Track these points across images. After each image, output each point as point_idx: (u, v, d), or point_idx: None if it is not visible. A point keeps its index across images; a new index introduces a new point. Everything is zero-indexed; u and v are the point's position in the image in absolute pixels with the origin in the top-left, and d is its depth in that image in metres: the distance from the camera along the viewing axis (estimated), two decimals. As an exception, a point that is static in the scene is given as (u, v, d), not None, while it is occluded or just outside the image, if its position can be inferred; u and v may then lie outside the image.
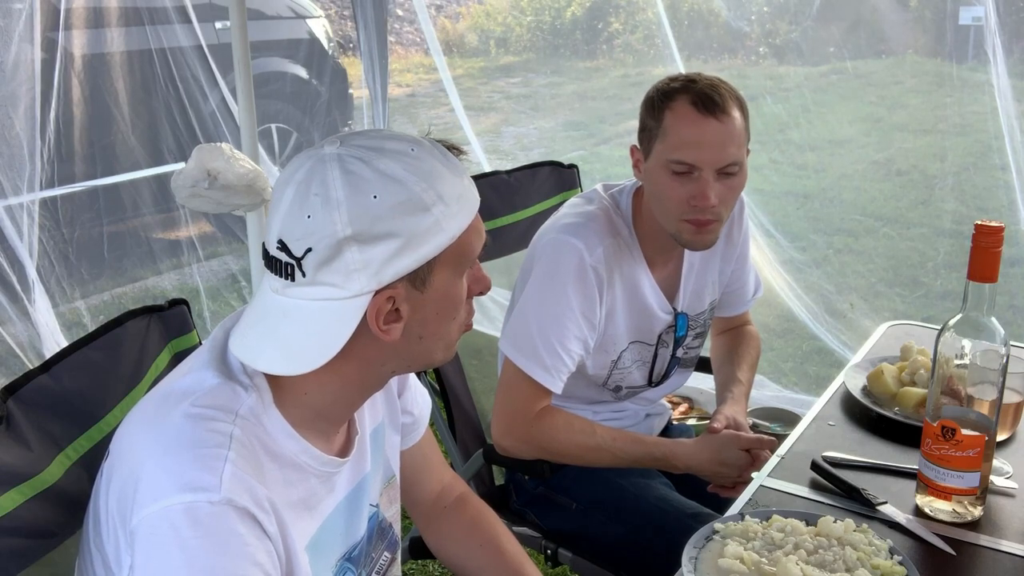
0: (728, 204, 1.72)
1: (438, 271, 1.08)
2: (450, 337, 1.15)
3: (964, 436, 1.39)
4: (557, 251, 1.77)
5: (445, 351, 1.16)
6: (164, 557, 0.98)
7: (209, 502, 0.98)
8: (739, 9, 4.19)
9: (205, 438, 1.02)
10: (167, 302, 1.40)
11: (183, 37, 4.09)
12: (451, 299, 1.12)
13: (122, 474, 1.04)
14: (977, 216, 1.68)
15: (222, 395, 1.07)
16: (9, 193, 3.32)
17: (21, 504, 1.11)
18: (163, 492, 0.99)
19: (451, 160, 1.10)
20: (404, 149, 1.06)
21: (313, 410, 1.13)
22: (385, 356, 1.12)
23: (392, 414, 1.37)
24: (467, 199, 1.09)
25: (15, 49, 3.30)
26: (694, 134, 1.66)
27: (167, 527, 0.98)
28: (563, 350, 1.75)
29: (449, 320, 1.13)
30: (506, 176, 2.36)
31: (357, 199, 1.02)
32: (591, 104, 6.06)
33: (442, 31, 7.01)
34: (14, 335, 3.30)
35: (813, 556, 1.28)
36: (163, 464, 1.01)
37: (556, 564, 1.97)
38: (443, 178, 1.06)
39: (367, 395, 1.20)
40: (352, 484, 1.24)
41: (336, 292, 1.04)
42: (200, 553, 0.98)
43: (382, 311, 1.06)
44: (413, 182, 1.04)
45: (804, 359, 3.66)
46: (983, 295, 1.37)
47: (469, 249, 1.11)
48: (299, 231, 1.03)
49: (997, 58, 3.03)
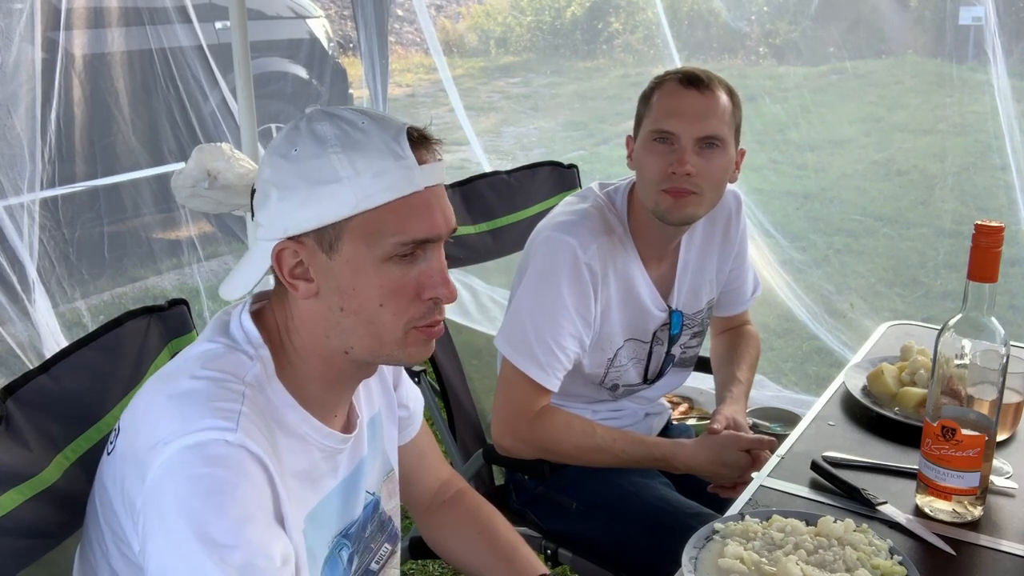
0: (710, 181, 1.72)
1: (347, 240, 1.11)
2: (390, 327, 1.13)
3: (964, 436, 1.39)
4: (551, 249, 1.77)
5: (397, 345, 1.15)
6: (174, 491, 0.99)
7: (225, 441, 1.01)
8: (739, 9, 4.19)
9: (219, 394, 1.06)
10: (167, 302, 1.40)
11: (183, 37, 4.09)
12: (367, 277, 1.11)
13: (136, 441, 1.05)
14: (977, 216, 1.68)
15: (230, 362, 1.11)
16: (9, 193, 3.32)
17: (20, 504, 1.11)
18: (178, 435, 1.01)
19: (399, 146, 1.11)
20: (355, 120, 1.12)
21: (308, 389, 1.17)
22: (326, 325, 1.15)
23: (389, 406, 1.39)
24: (391, 181, 1.09)
25: (16, 49, 3.30)
26: (675, 104, 1.71)
27: (179, 464, 1.00)
28: (558, 348, 1.75)
29: (375, 303, 1.12)
30: (506, 176, 2.36)
31: (285, 149, 1.12)
32: (591, 104, 6.06)
33: (442, 31, 7.02)
34: (14, 335, 3.30)
35: (813, 556, 1.28)
36: (178, 415, 1.03)
37: (556, 564, 1.97)
38: (367, 151, 1.09)
39: (345, 378, 1.21)
40: (350, 468, 1.27)
41: (263, 232, 1.15)
42: (210, 486, 0.99)
43: (286, 262, 1.13)
44: (332, 145, 1.10)
45: (804, 359, 3.66)
46: (983, 295, 1.37)
47: (383, 228, 1.10)
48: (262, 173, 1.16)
49: (997, 58, 3.03)
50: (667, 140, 1.71)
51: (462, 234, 2.24)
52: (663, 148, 1.71)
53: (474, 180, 2.32)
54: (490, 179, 2.34)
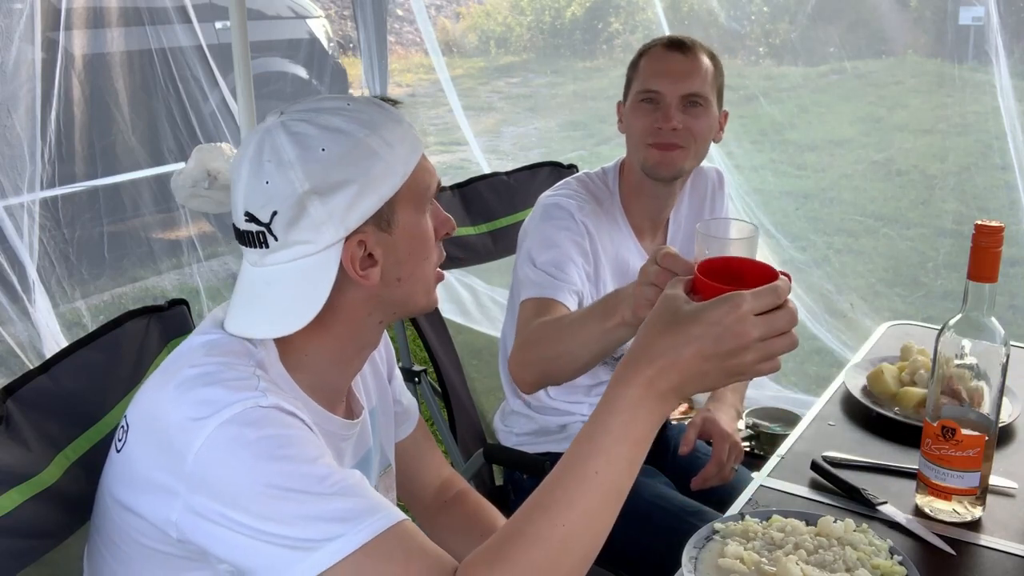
0: (696, 137, 1.82)
1: (400, 210, 1.13)
2: (427, 279, 1.19)
3: (964, 436, 1.39)
4: (547, 211, 1.85)
5: (426, 295, 1.20)
6: (235, 464, 0.98)
7: (259, 405, 1.01)
8: (738, 9, 4.19)
9: (231, 373, 1.05)
10: (167, 302, 1.40)
11: (183, 37, 4.09)
12: (420, 238, 1.17)
13: (150, 435, 1.04)
14: (978, 216, 1.68)
15: (233, 348, 1.10)
16: (9, 193, 3.33)
17: (20, 504, 1.11)
18: (210, 417, 0.99)
19: (388, 109, 1.16)
20: (340, 105, 1.13)
21: (315, 374, 1.16)
22: (371, 305, 1.16)
23: (384, 401, 1.40)
24: (410, 140, 1.15)
25: (16, 49, 3.30)
26: (660, 66, 1.83)
27: (227, 439, 0.98)
28: (562, 271, 1.77)
29: (422, 260, 1.17)
30: (505, 177, 2.37)
31: (307, 155, 1.08)
32: (591, 104, 6.06)
33: (442, 31, 7.01)
34: (14, 335, 3.30)
35: (813, 556, 1.28)
36: (198, 399, 1.01)
37: (556, 564, 1.97)
38: (383, 124, 1.12)
39: (364, 353, 1.23)
40: (356, 458, 1.27)
41: (309, 248, 1.09)
42: (270, 446, 0.99)
43: (356, 256, 1.11)
44: (356, 130, 1.10)
45: (804, 359, 3.66)
46: (983, 295, 1.37)
47: (423, 186, 1.16)
48: (261, 198, 1.09)
49: (999, 58, 3.03)
50: (653, 100, 1.82)
51: (462, 235, 2.24)
52: (650, 107, 1.82)
53: (474, 181, 2.33)
54: (490, 180, 2.35)
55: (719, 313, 0.94)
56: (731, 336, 0.93)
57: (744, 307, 0.93)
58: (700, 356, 0.94)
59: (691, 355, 0.94)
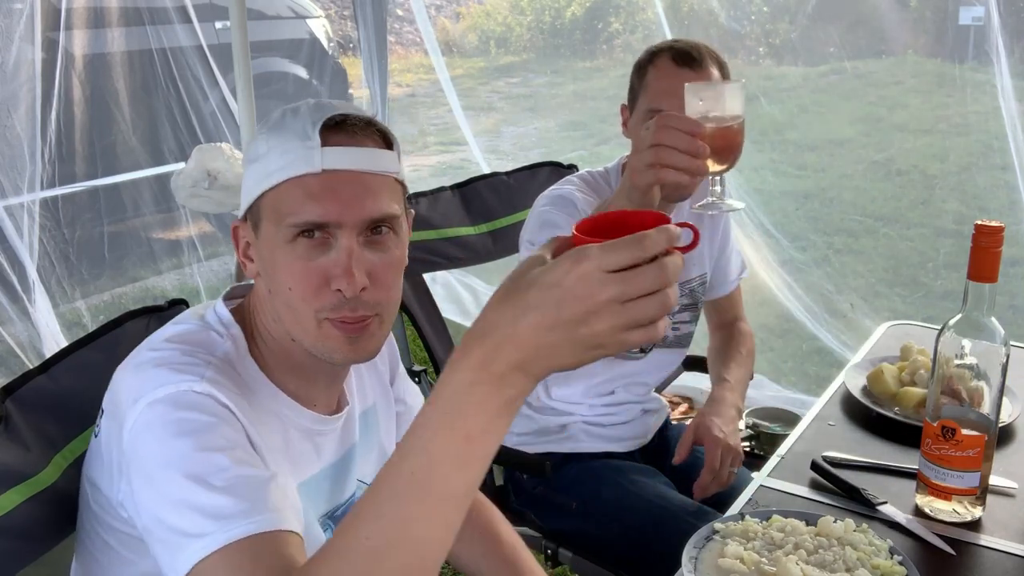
0: None
1: (263, 218, 1.13)
2: (300, 313, 1.10)
3: (964, 436, 1.39)
4: (550, 199, 1.85)
5: (306, 334, 1.11)
6: (150, 440, 1.00)
7: (192, 390, 1.02)
8: (738, 9, 4.19)
9: (183, 360, 1.07)
10: (167, 302, 1.41)
11: (183, 37, 4.09)
12: (273, 261, 1.12)
13: (113, 417, 1.07)
14: (978, 216, 1.68)
15: (200, 338, 1.12)
16: (10, 193, 3.33)
17: (19, 504, 1.11)
18: (145, 396, 1.02)
19: (312, 127, 1.10)
20: (299, 106, 1.15)
21: (284, 371, 1.17)
22: (269, 308, 1.16)
23: (385, 401, 1.40)
24: (291, 160, 1.09)
25: (16, 49, 3.30)
26: (671, 84, 1.74)
27: (151, 417, 1.01)
28: None
29: (286, 287, 1.10)
30: (505, 177, 2.37)
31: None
32: (591, 104, 6.05)
33: (442, 31, 7.01)
34: (14, 335, 3.30)
35: (813, 556, 1.28)
36: (142, 379, 1.05)
37: (556, 564, 1.97)
38: (283, 134, 1.11)
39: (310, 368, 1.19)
40: (339, 455, 1.27)
41: None
42: (186, 426, 1.00)
43: (240, 241, 1.18)
44: (263, 128, 1.16)
45: (804, 359, 3.66)
46: (983, 295, 1.37)
47: (282, 207, 1.10)
48: None
49: (1000, 58, 3.02)
50: None
51: (462, 235, 2.24)
52: None
53: (474, 181, 2.33)
54: (490, 180, 2.35)
55: (558, 273, 0.76)
56: (573, 299, 0.75)
57: (586, 263, 0.75)
58: (540, 327, 0.76)
59: (529, 326, 0.76)
